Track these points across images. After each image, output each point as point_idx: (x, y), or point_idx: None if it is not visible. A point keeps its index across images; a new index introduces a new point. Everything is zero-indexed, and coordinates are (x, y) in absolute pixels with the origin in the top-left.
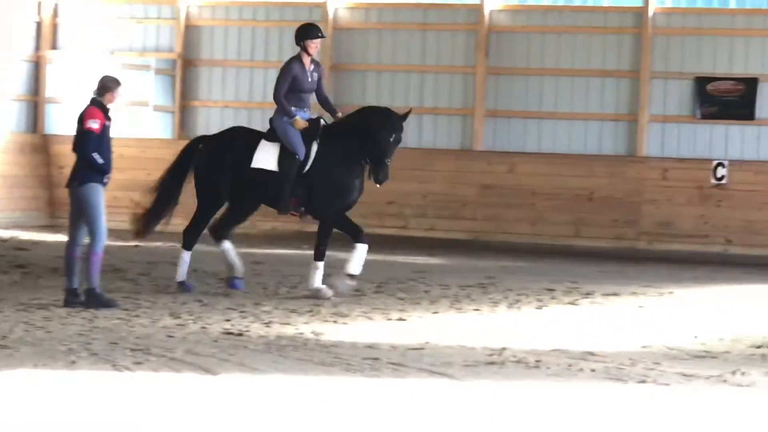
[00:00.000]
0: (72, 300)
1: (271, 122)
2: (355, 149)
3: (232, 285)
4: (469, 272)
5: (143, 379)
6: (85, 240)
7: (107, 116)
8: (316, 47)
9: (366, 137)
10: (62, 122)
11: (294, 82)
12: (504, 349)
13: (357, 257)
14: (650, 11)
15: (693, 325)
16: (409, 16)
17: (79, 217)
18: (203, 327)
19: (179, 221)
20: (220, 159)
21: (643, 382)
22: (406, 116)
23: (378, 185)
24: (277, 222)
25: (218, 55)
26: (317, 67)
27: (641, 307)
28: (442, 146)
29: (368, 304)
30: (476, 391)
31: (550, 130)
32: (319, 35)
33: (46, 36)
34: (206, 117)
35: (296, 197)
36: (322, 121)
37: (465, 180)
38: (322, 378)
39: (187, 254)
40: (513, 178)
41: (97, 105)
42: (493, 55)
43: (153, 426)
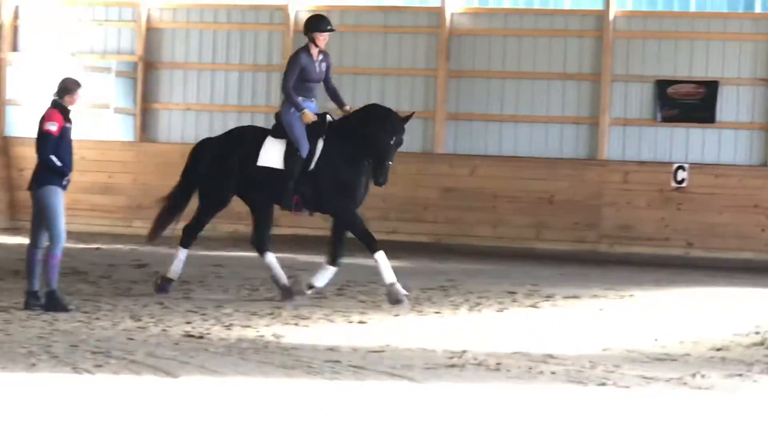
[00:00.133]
0: (33, 303)
1: (277, 116)
2: (361, 148)
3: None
4: (431, 275)
5: (103, 382)
6: (46, 243)
7: (67, 118)
8: (325, 40)
9: (369, 137)
10: (23, 124)
11: (302, 72)
12: (464, 352)
13: (383, 267)
14: (611, 14)
15: (653, 328)
16: (371, 19)
17: (41, 220)
18: (164, 330)
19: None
20: (226, 160)
21: (603, 385)
22: (408, 118)
23: (378, 186)
24: (239, 224)
25: (179, 58)
26: (326, 57)
27: (602, 310)
28: (404, 149)
29: (329, 307)
30: (436, 394)
31: (512, 133)
32: (328, 28)
33: (7, 38)
34: (168, 119)
35: (301, 195)
36: (329, 117)
37: (426, 183)
38: (283, 380)
39: (184, 252)
40: (474, 181)
41: (57, 107)
42: (455, 58)
43: (113, 429)
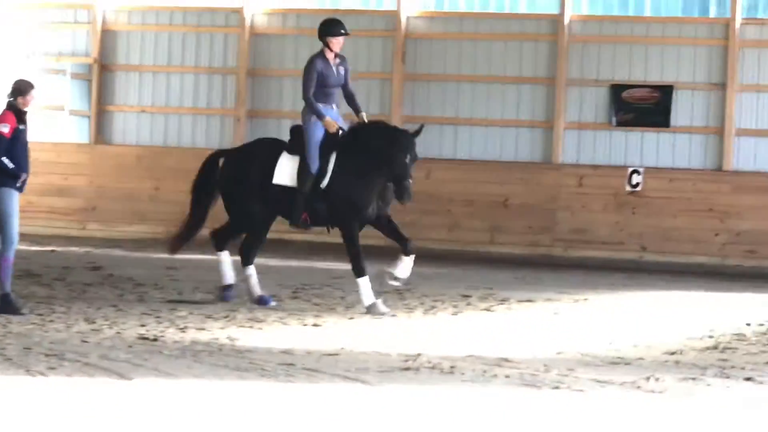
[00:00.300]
0: None
1: (293, 131)
2: (372, 166)
3: (264, 301)
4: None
5: (57, 385)
6: None
7: (22, 120)
8: (339, 43)
9: (384, 158)
10: None
11: (319, 78)
12: (419, 355)
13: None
14: (566, 18)
15: (607, 332)
16: None
17: None
18: (118, 332)
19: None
20: (244, 173)
21: (557, 389)
22: (419, 133)
23: (403, 204)
24: None
25: (135, 60)
26: (343, 62)
27: (556, 314)
28: None
29: (284, 310)
30: (390, 397)
31: (467, 137)
32: (342, 32)
33: None
34: (123, 122)
35: (311, 211)
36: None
37: None
38: (237, 383)
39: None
40: (429, 185)
41: (11, 108)
42: (410, 62)
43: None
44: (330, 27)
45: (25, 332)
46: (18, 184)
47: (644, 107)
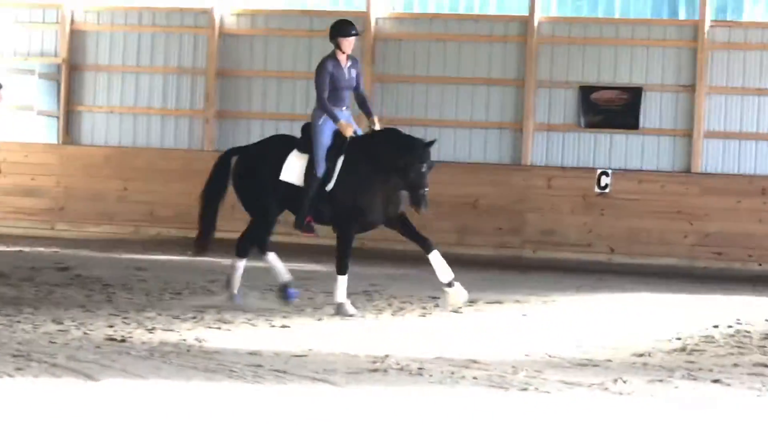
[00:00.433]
0: None
1: (304, 129)
2: (381, 173)
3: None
4: (354, 280)
5: (24, 385)
6: None
7: None
8: (350, 44)
9: (400, 169)
10: None
11: (331, 80)
12: (387, 357)
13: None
14: (535, 20)
15: (575, 334)
16: (296, 23)
17: None
18: (86, 333)
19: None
20: (257, 169)
21: (525, 390)
22: (432, 143)
23: (420, 214)
24: (161, 228)
25: (103, 60)
26: (355, 63)
27: (524, 315)
28: None
29: (252, 311)
30: (358, 398)
31: (436, 138)
32: (353, 33)
33: None
34: (91, 122)
35: (314, 215)
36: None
37: None
38: (205, 384)
39: (271, 255)
40: None
41: None
42: (379, 63)
43: None
44: (341, 28)
45: None
46: None
47: (613, 109)
